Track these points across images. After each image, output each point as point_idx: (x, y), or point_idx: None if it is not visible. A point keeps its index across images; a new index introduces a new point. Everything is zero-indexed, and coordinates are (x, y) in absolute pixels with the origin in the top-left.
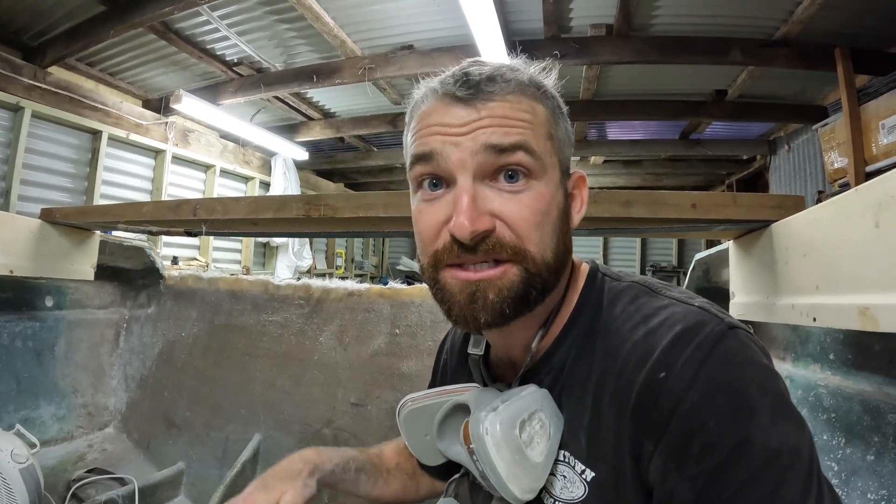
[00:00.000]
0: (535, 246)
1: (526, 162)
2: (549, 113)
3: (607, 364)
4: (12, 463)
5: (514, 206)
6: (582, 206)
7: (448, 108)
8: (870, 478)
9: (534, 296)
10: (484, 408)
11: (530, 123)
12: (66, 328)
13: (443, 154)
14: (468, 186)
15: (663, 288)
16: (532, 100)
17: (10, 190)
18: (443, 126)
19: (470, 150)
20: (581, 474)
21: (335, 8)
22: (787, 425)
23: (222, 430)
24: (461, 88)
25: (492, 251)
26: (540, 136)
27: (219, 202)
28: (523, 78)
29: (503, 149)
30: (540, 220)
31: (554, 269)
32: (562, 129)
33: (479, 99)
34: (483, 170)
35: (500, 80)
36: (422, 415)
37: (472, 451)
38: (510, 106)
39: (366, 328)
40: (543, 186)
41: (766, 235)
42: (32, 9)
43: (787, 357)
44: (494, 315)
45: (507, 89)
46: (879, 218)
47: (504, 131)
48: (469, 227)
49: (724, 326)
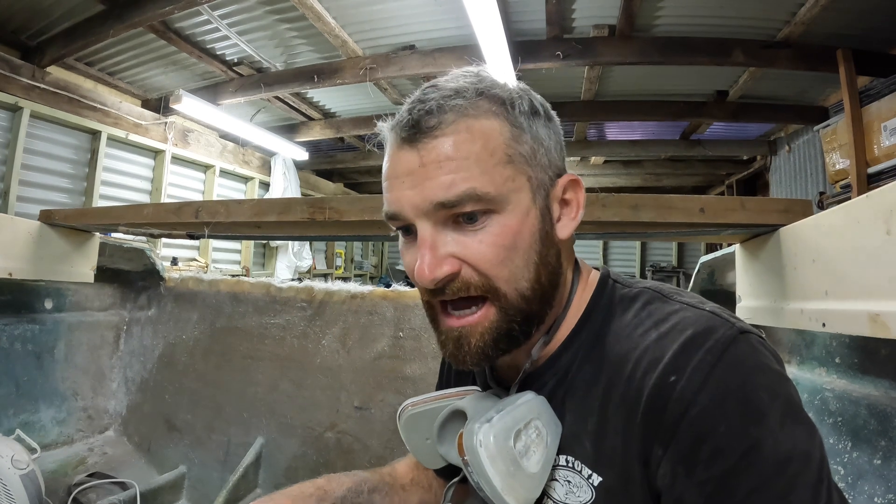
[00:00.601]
0: (504, 282)
1: (478, 207)
2: (506, 129)
3: (617, 368)
4: (13, 469)
5: (476, 245)
6: (577, 212)
7: (398, 154)
8: (877, 482)
9: (517, 331)
10: (478, 418)
11: (478, 158)
12: (66, 331)
13: (402, 211)
14: (426, 236)
15: (675, 293)
16: (484, 119)
17: (9, 191)
18: (396, 179)
19: (420, 206)
20: (588, 479)
21: (336, 7)
22: (797, 431)
23: (224, 434)
24: (404, 129)
25: (460, 291)
26: (493, 167)
27: (222, 205)
28: (468, 100)
29: (451, 204)
30: (505, 256)
31: (534, 298)
32: (528, 140)
33: (420, 139)
34: (439, 217)
35: (439, 111)
36: (422, 419)
37: (466, 462)
38: (453, 142)
39: (369, 331)
40: (506, 218)
41: (773, 240)
42: (31, 8)
43: (792, 360)
44: (480, 358)
45: (450, 119)
46: (891, 225)
47: (448, 181)
48: (428, 275)
49: (734, 331)
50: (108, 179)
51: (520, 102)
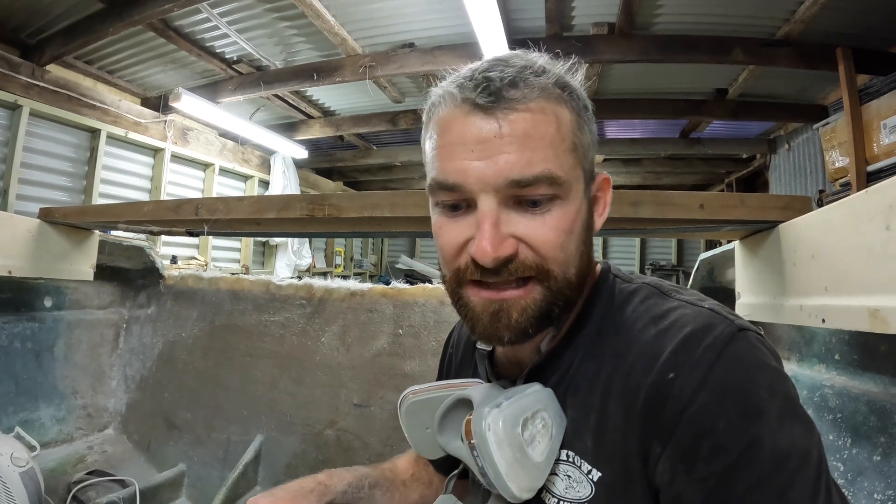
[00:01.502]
0: (558, 266)
1: (549, 192)
2: (574, 118)
3: (616, 364)
4: (12, 467)
5: (538, 228)
6: (605, 209)
7: (467, 119)
8: (876, 478)
9: (556, 312)
10: (488, 404)
11: (553, 141)
12: (66, 329)
13: (465, 183)
14: (491, 211)
15: (674, 290)
16: (557, 105)
17: (8, 189)
18: (463, 145)
19: (492, 176)
20: (588, 474)
21: (336, 6)
22: (796, 428)
23: (224, 432)
24: (481, 95)
25: (515, 273)
26: (564, 154)
27: (221, 202)
28: (548, 81)
29: (526, 183)
30: (564, 240)
31: (577, 284)
32: (586, 133)
33: (501, 108)
34: (505, 195)
35: (524, 85)
36: (423, 408)
37: (473, 446)
38: (533, 119)
39: (368, 328)
40: (568, 205)
41: (773, 236)
42: (30, 6)
43: (792, 357)
44: (518, 333)
45: (531, 96)
46: (890, 220)
47: (527, 159)
48: (492, 253)
49: (733, 328)
50: (108, 178)
51: (582, 95)
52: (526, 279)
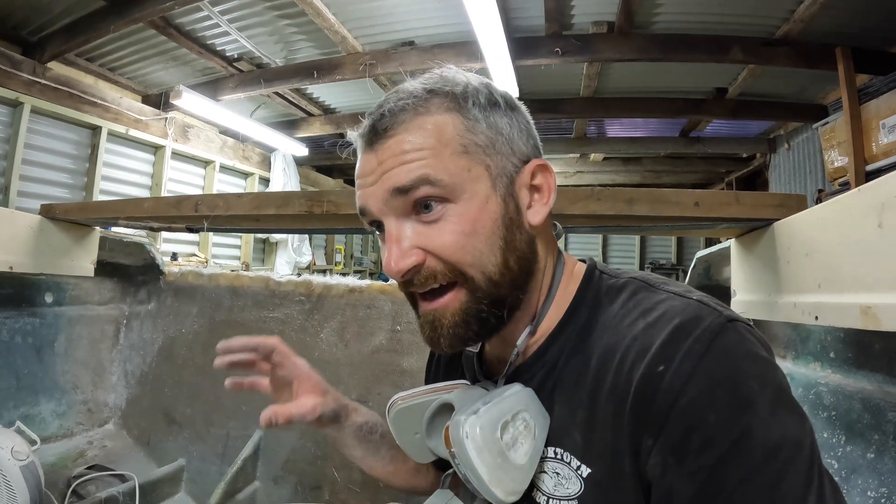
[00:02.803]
0: (469, 267)
1: (432, 192)
2: (460, 121)
3: (605, 359)
4: (13, 460)
5: (436, 235)
6: (549, 196)
7: (362, 157)
8: (870, 475)
9: (486, 313)
10: (465, 410)
11: (432, 149)
12: (66, 324)
13: (367, 206)
14: (392, 229)
15: (662, 283)
16: (436, 115)
17: (9, 186)
18: (360, 178)
19: (382, 198)
20: (577, 470)
21: (336, 4)
22: (787, 418)
23: (223, 427)
24: (366, 135)
25: (428, 281)
26: (448, 157)
27: (221, 198)
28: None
29: (405, 189)
30: (465, 243)
31: (504, 282)
32: (483, 130)
33: (378, 142)
34: (399, 210)
35: (391, 115)
36: (411, 413)
37: (453, 455)
38: (406, 139)
39: (367, 325)
40: (463, 207)
41: (768, 234)
42: (32, 4)
43: (787, 355)
44: (453, 339)
45: (401, 119)
46: (883, 218)
47: (404, 169)
48: (394, 267)
49: (722, 319)
50: (109, 175)
51: (474, 96)
52: (450, 285)
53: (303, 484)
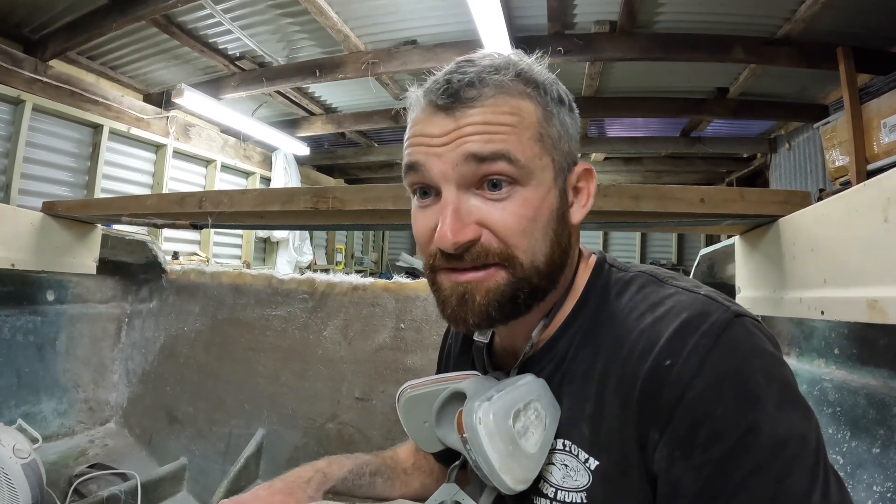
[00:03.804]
0: (522, 252)
1: (508, 171)
2: (539, 111)
3: (612, 353)
4: (14, 458)
5: (499, 214)
6: (588, 200)
7: (430, 118)
8: (875, 470)
9: (522, 299)
10: (478, 397)
11: (514, 128)
12: (68, 322)
13: (426, 166)
14: (452, 198)
15: (670, 277)
16: (519, 99)
17: (11, 184)
18: (426, 137)
19: (452, 162)
20: (585, 463)
21: (339, 2)
22: (793, 413)
23: (225, 425)
24: (442, 97)
25: (479, 258)
26: (526, 140)
27: (225, 195)
28: (507, 77)
29: (483, 158)
30: (526, 227)
31: (546, 273)
32: (556, 125)
33: (460, 108)
34: (466, 179)
35: (480, 84)
36: (421, 402)
37: (465, 440)
38: (492, 111)
39: (370, 322)
40: (530, 192)
41: (773, 230)
42: (33, 2)
43: (791, 352)
44: (481, 317)
45: (489, 94)
46: (888, 213)
47: (486, 139)
48: (451, 238)
49: (730, 314)
50: (110, 173)
51: (551, 88)
52: (489, 265)
53: None
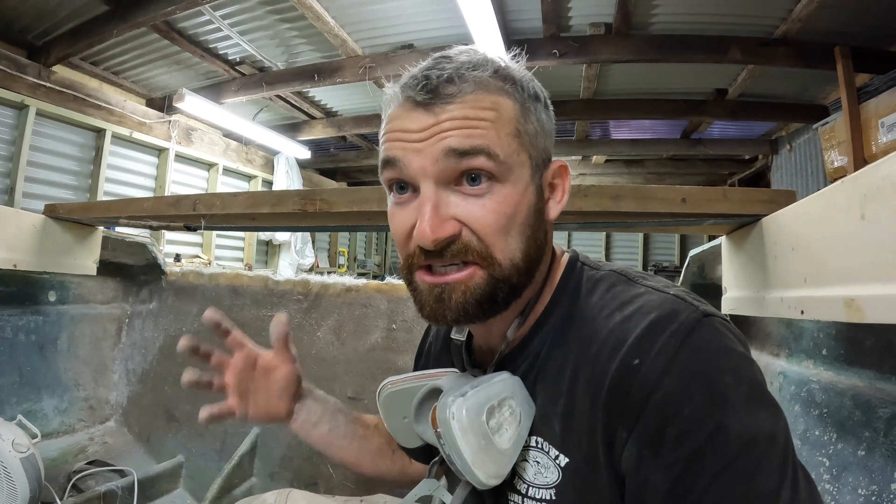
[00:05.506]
0: (500, 252)
1: (487, 166)
2: (516, 107)
3: (582, 351)
4: (13, 452)
5: (478, 210)
6: (563, 197)
7: (409, 114)
8: (860, 473)
9: (501, 298)
10: (453, 393)
11: (493, 123)
12: (69, 322)
13: (405, 161)
14: (430, 194)
15: (640, 277)
16: (497, 95)
17: (15, 187)
18: (404, 132)
19: (431, 157)
20: (555, 460)
21: (336, 7)
22: (761, 412)
23: (221, 424)
24: (420, 92)
25: (458, 255)
26: (504, 136)
27: (217, 197)
28: (486, 74)
29: (464, 152)
30: (505, 224)
31: (524, 270)
32: (533, 121)
33: (439, 103)
34: (445, 175)
35: (460, 80)
36: (400, 398)
37: (439, 434)
38: (471, 107)
39: (363, 323)
40: (509, 189)
41: (756, 230)
42: (37, 8)
43: (780, 353)
44: (459, 313)
45: (468, 89)
46: (865, 209)
47: (465, 134)
48: (431, 235)
49: (698, 314)
50: (112, 177)
51: (528, 85)
52: (469, 263)
53: (298, 480)
